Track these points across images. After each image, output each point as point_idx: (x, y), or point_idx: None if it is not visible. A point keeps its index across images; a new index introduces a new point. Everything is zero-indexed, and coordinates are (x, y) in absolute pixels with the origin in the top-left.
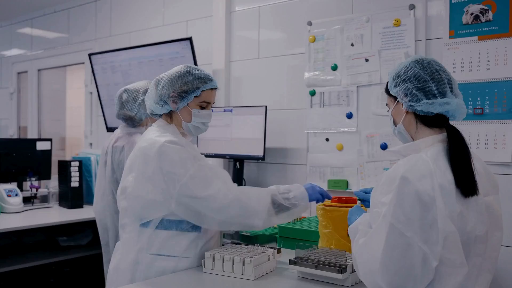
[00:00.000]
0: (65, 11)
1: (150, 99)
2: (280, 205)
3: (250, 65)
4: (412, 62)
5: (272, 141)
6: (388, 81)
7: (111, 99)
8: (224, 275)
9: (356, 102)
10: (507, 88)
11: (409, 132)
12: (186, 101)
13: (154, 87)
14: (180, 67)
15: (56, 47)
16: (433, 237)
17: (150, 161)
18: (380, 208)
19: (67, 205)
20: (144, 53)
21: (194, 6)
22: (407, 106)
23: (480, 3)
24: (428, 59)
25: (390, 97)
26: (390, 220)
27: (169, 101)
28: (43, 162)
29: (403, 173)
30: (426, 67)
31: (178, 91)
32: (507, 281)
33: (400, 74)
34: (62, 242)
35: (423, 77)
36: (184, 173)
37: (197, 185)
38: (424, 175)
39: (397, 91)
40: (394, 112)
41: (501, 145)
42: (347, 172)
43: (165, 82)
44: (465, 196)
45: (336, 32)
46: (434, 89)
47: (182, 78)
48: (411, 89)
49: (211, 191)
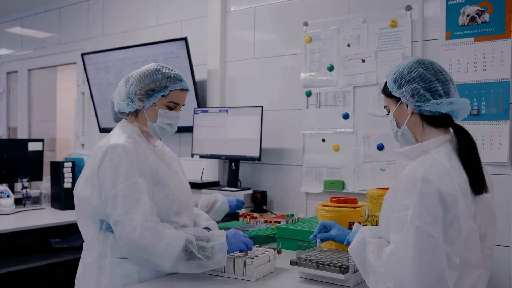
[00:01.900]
0: (56, 10)
1: (118, 96)
2: (191, 253)
3: (245, 66)
4: (415, 63)
5: (268, 142)
6: (387, 83)
7: (104, 100)
8: (225, 276)
9: (353, 102)
10: (503, 89)
11: (413, 133)
12: (153, 99)
13: (123, 84)
14: (151, 65)
15: (47, 46)
16: (454, 236)
17: (94, 162)
18: (403, 211)
19: (60, 206)
20: (138, 53)
21: (188, 6)
22: (413, 107)
23: (476, 5)
24: (428, 60)
25: (390, 98)
26: (416, 223)
27: (136, 99)
28: (34, 163)
29: (423, 174)
30: (429, 68)
31: (145, 89)
32: (500, 279)
33: (404, 75)
34: (55, 244)
35: (429, 77)
36: (109, 187)
37: (114, 206)
38: (443, 175)
39: (402, 92)
40: (397, 114)
41: (497, 145)
42: (343, 172)
43: (134, 80)
44: (476, 194)
45: (333, 33)
46: (440, 89)
47: (150, 76)
48: (418, 90)
49: (124, 217)
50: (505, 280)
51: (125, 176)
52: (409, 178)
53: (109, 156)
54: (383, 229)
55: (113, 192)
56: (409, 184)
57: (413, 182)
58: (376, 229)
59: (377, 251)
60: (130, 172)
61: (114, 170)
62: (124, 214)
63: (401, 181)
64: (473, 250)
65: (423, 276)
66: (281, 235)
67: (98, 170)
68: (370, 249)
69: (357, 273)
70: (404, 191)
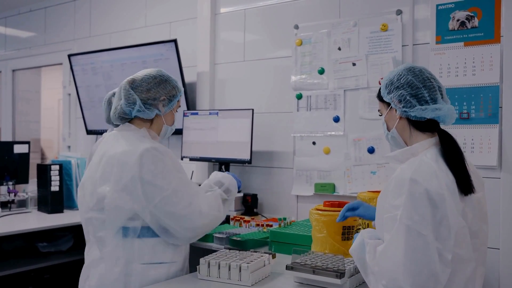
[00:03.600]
0: (42, 10)
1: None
2: (225, 200)
3: (235, 68)
4: (405, 70)
5: (258, 145)
6: (381, 88)
7: (91, 101)
8: (220, 282)
9: (343, 106)
10: (493, 93)
11: (402, 137)
12: (173, 104)
13: (128, 89)
14: (156, 70)
15: (32, 47)
16: (444, 234)
17: (128, 169)
18: (393, 211)
19: (47, 210)
20: (127, 54)
21: (178, 7)
22: (401, 112)
23: (466, 10)
24: (419, 67)
25: (383, 103)
26: (406, 222)
27: (159, 104)
28: (20, 166)
29: (411, 175)
30: (418, 75)
31: (169, 95)
32: (489, 281)
33: (393, 81)
34: (42, 248)
35: (416, 84)
36: (166, 186)
37: (178, 201)
38: (431, 176)
39: (391, 98)
40: (387, 118)
41: (486, 149)
42: (334, 175)
43: (151, 85)
44: (465, 194)
45: (323, 36)
46: (427, 96)
47: (169, 81)
48: (405, 96)
49: (190, 210)
50: (494, 282)
51: (175, 172)
52: (398, 180)
53: (148, 160)
54: (379, 231)
55: (172, 189)
56: (398, 186)
57: (401, 183)
58: (375, 232)
59: (373, 251)
60: (177, 168)
61: (161, 170)
62: (189, 206)
63: (391, 183)
64: (464, 246)
65: (415, 273)
66: (274, 238)
67: (141, 176)
68: (367, 249)
69: (353, 277)
70: (394, 192)
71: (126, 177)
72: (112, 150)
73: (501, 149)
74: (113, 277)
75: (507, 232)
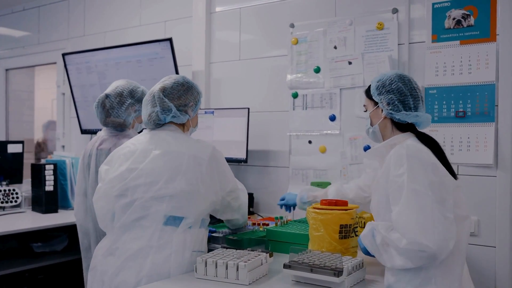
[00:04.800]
0: (35, 9)
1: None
2: None
3: (231, 67)
4: (396, 77)
5: (254, 144)
6: (371, 86)
7: (85, 101)
8: (217, 281)
9: (339, 104)
10: (488, 92)
11: (382, 133)
12: (197, 108)
13: (162, 97)
14: (182, 77)
15: (25, 46)
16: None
17: (204, 164)
18: (398, 180)
19: (41, 210)
20: (122, 53)
21: (173, 6)
22: (387, 113)
23: (462, 8)
24: (408, 77)
25: (370, 100)
26: (412, 186)
27: (189, 110)
28: (14, 166)
29: (406, 151)
30: (407, 84)
31: (195, 100)
32: (486, 279)
33: (385, 84)
34: (36, 248)
35: (405, 92)
36: (231, 177)
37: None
38: (421, 151)
39: (380, 99)
40: (373, 114)
41: (482, 147)
42: (330, 174)
43: (181, 92)
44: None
45: (319, 35)
46: (411, 103)
47: (195, 87)
48: (394, 100)
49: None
50: (491, 280)
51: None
52: (396, 156)
53: (219, 155)
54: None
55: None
56: (398, 159)
57: (400, 156)
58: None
59: (386, 226)
60: None
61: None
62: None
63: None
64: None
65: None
66: (270, 237)
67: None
68: (380, 226)
69: (351, 275)
70: (395, 164)
71: (203, 171)
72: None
73: (497, 148)
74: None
75: (503, 230)
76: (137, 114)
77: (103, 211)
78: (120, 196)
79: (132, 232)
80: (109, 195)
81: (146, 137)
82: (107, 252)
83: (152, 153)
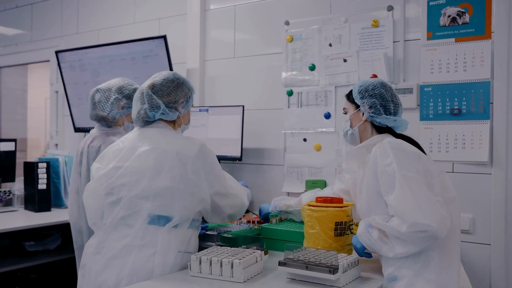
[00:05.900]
0: (28, 6)
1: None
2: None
3: (225, 65)
4: (379, 84)
5: (249, 142)
6: (353, 91)
7: (79, 99)
8: (212, 278)
9: (334, 102)
10: (484, 89)
11: (361, 136)
12: (189, 105)
13: (151, 94)
14: (172, 73)
15: (18, 44)
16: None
17: (189, 161)
18: (388, 169)
19: (34, 208)
20: (116, 51)
21: (167, 4)
22: (368, 116)
23: (457, 6)
24: (389, 85)
25: (351, 103)
26: (402, 173)
27: (179, 106)
28: (6, 164)
29: (389, 144)
30: (388, 90)
31: (186, 97)
32: (480, 277)
33: (368, 89)
34: (29, 247)
35: (387, 97)
36: (221, 173)
37: (230, 184)
38: (402, 144)
39: (363, 102)
40: (353, 117)
41: (477, 145)
42: (325, 172)
43: (170, 89)
44: None
45: (314, 32)
46: (392, 109)
47: (185, 84)
48: (376, 104)
49: (237, 190)
50: (485, 277)
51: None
52: (380, 149)
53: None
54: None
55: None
56: (382, 151)
57: (384, 149)
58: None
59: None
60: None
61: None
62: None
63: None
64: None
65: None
66: (265, 235)
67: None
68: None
69: (346, 273)
70: (381, 156)
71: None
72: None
73: (492, 145)
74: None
75: (498, 228)
76: (126, 111)
77: (92, 209)
78: (108, 195)
79: (118, 230)
80: (98, 193)
81: (135, 135)
82: (95, 250)
83: (138, 151)
